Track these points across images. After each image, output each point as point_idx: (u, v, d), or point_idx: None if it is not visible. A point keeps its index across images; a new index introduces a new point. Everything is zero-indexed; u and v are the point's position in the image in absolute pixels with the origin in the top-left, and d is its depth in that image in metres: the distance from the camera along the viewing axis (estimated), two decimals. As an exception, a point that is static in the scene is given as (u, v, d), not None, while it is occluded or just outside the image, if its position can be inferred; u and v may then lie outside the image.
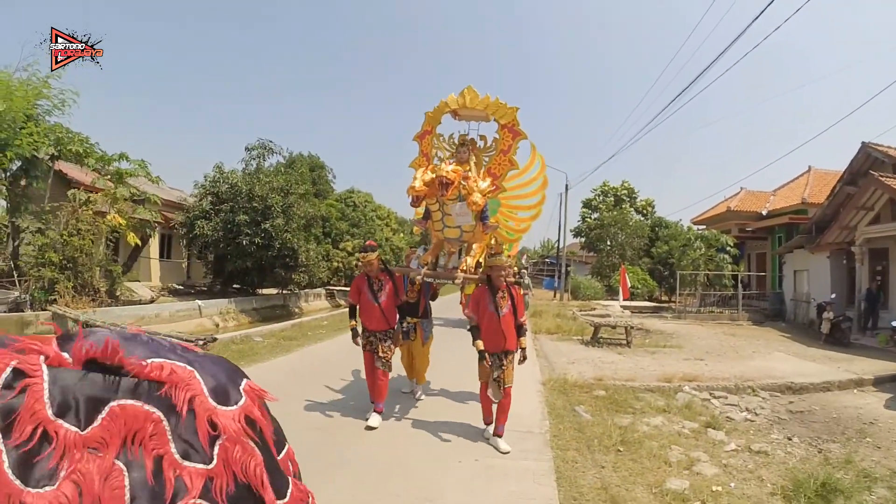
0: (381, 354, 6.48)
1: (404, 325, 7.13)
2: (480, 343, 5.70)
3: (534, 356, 11.23)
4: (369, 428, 6.07)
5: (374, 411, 6.38)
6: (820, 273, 20.28)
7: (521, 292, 6.31)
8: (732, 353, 13.50)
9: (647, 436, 6.46)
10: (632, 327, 14.80)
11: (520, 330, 5.89)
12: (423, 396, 7.77)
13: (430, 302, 7.76)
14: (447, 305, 8.31)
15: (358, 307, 6.81)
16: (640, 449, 5.91)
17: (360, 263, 6.92)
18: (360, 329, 6.77)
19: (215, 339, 11.14)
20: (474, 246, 6.97)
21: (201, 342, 10.61)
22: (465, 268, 6.75)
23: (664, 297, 33.17)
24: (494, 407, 5.85)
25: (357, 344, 6.76)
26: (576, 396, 8.22)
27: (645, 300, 30.63)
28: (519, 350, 5.88)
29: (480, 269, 6.90)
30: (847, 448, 6.61)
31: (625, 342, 14.08)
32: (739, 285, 24.30)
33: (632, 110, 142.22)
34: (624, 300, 26.92)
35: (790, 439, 6.89)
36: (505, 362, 5.73)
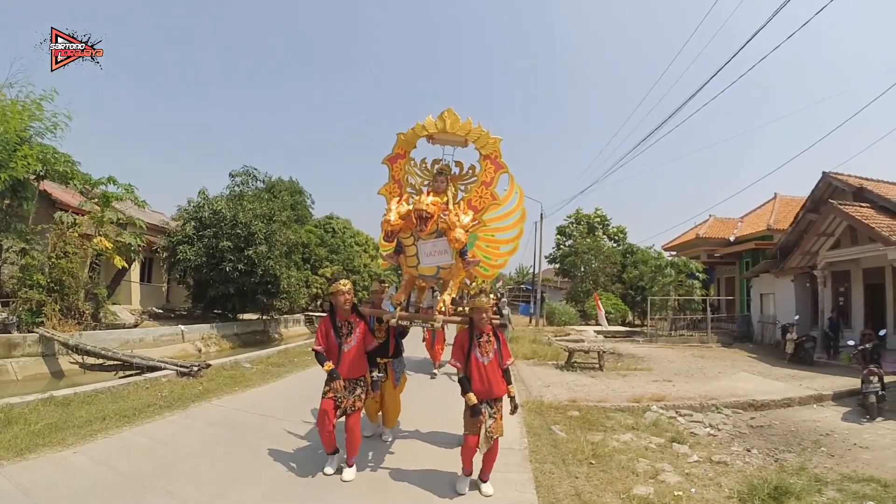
0: (347, 406, 5.61)
1: (374, 373, 6.03)
2: (473, 396, 5.18)
3: (512, 378, 11.70)
4: (345, 481, 5.47)
5: (347, 465, 5.66)
6: (785, 296, 21.14)
7: (500, 322, 5.88)
8: (700, 374, 14.08)
9: (616, 450, 6.99)
10: (604, 352, 15.30)
11: (506, 375, 5.45)
12: (390, 437, 7.10)
13: (401, 340, 7.29)
14: (407, 344, 7.89)
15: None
16: (610, 462, 6.46)
17: (329, 296, 5.97)
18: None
19: (209, 366, 11.41)
20: (450, 282, 6.35)
21: (196, 368, 10.90)
22: (442, 308, 6.09)
23: (637, 322, 33.80)
24: (477, 459, 5.36)
25: (341, 388, 5.60)
26: (551, 417, 8.72)
27: (618, 325, 31.19)
28: (509, 399, 5.45)
29: (461, 308, 6.83)
30: (802, 457, 7.20)
31: (597, 366, 14.57)
32: (708, 309, 24.98)
33: (606, 143, 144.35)
34: (607, 326, 27.46)
35: (749, 451, 7.46)
36: (493, 411, 5.26)
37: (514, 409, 5.50)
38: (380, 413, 7.21)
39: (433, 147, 6.91)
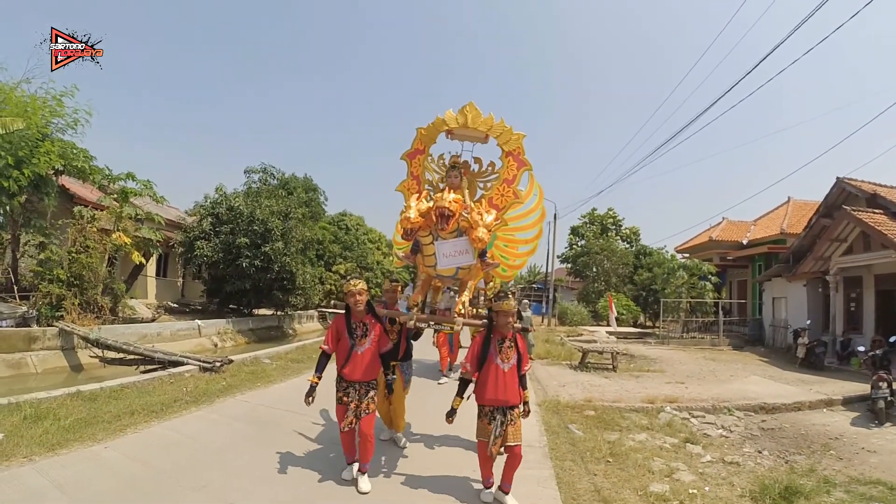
0: (363, 410, 5.32)
1: (388, 375, 5.82)
2: (459, 401, 5.08)
3: (528, 380, 11.82)
4: (362, 492, 5.19)
5: (361, 472, 5.34)
6: (797, 300, 21.16)
7: (522, 326, 5.63)
8: (712, 376, 14.18)
9: (632, 449, 7.17)
10: (617, 353, 15.43)
11: (522, 380, 5.15)
12: (406, 444, 6.82)
13: (412, 342, 6.97)
14: (418, 346, 7.66)
15: (335, 356, 5.56)
16: (627, 460, 6.66)
17: (346, 294, 5.50)
18: (325, 383, 5.39)
19: (231, 361, 11.59)
20: (468, 283, 6.19)
21: (219, 364, 11.06)
22: (461, 310, 5.92)
23: (648, 323, 33.88)
24: (497, 466, 5.14)
25: (308, 403, 5.40)
26: (568, 416, 8.92)
27: (630, 326, 31.28)
28: (522, 404, 5.14)
29: (477, 310, 6.87)
30: (812, 459, 7.40)
31: (611, 367, 14.69)
32: (720, 312, 24.98)
33: (622, 148, 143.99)
34: (616, 327, 27.57)
35: (760, 452, 7.66)
36: (509, 418, 4.97)
37: (526, 414, 5.19)
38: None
39: (452, 143, 6.64)
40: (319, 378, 5.41)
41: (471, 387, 5.21)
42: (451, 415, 5.08)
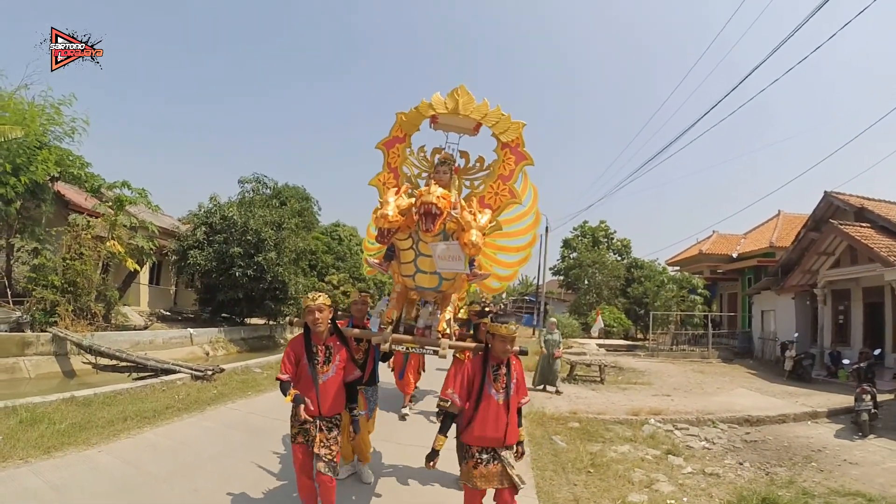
0: (322, 452, 4.30)
1: (354, 409, 4.86)
2: (443, 440, 4.19)
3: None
4: None
5: None
6: (786, 313, 21.38)
7: (521, 350, 4.54)
8: (699, 389, 14.35)
9: (614, 460, 7.33)
10: (605, 365, 15.59)
11: (517, 414, 4.31)
12: (371, 477, 5.91)
13: (378, 364, 6.09)
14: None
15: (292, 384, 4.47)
16: (608, 471, 6.81)
17: (310, 308, 4.45)
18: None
19: (222, 370, 11.66)
20: (453, 297, 5.39)
21: (210, 373, 11.15)
22: (445, 329, 5.03)
23: (639, 336, 33.98)
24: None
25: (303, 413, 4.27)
26: (552, 427, 9.06)
27: (620, 338, 31.39)
28: (516, 445, 4.27)
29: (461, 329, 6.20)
30: (792, 471, 7.54)
31: (598, 379, 14.86)
32: (709, 324, 25.13)
33: (614, 159, 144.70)
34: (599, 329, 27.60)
35: (741, 464, 7.78)
36: (509, 457, 4.13)
37: (521, 455, 4.35)
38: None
39: (434, 134, 5.68)
40: (294, 389, 4.41)
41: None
42: (432, 458, 4.21)
